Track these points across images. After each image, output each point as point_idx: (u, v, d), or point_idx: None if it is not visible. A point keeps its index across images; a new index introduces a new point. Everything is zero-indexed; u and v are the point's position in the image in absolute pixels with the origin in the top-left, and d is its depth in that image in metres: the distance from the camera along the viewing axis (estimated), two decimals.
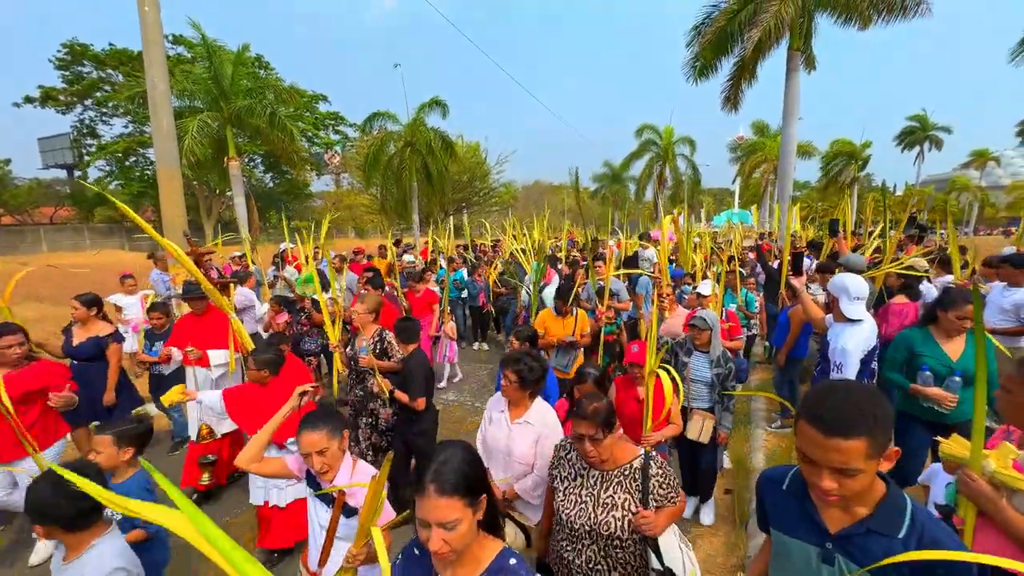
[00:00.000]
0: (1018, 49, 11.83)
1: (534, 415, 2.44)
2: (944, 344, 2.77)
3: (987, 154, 45.43)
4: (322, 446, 1.90)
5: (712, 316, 3.29)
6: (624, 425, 2.64)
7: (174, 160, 6.72)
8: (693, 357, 3.36)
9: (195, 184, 25.76)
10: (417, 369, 3.42)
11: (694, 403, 3.32)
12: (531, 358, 2.43)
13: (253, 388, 3.08)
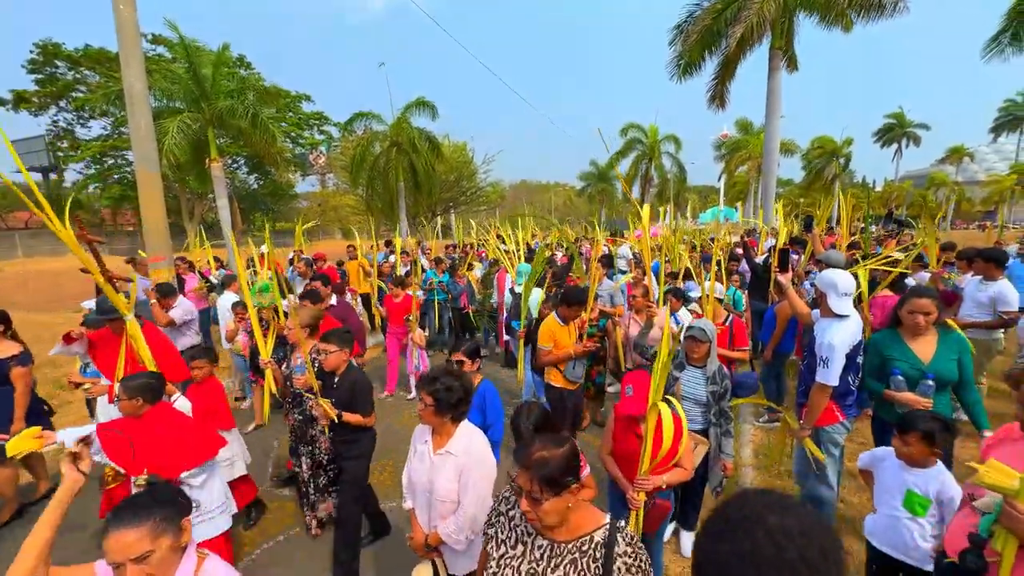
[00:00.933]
0: (991, 45, 12.10)
1: (457, 443, 2.10)
2: (913, 345, 2.68)
3: (962, 150, 46.54)
4: (141, 550, 1.28)
5: (711, 327, 2.92)
6: (620, 462, 2.43)
7: (153, 162, 6.56)
8: (685, 372, 2.98)
9: (177, 186, 25.31)
10: (361, 382, 3.03)
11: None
12: (450, 376, 2.11)
13: (128, 421, 2.55)
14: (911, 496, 2.10)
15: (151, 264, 6.60)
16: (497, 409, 2.85)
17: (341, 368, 3.05)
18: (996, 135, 45.37)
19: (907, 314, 2.67)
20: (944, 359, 2.62)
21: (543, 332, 3.82)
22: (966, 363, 2.64)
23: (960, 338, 2.70)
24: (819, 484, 2.90)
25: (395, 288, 6.37)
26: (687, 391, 2.95)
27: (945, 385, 2.64)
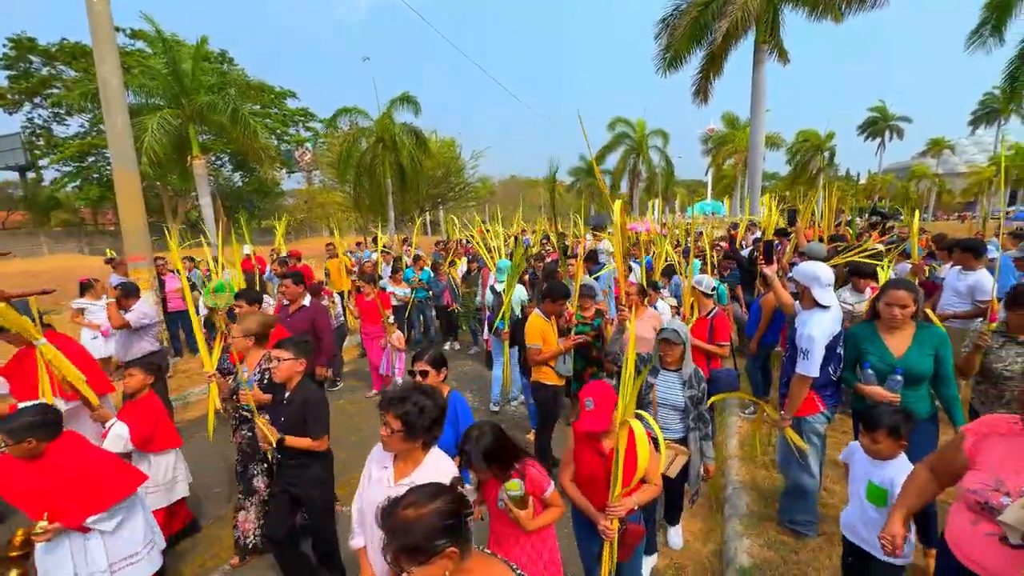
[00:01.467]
0: (973, 37, 12.28)
1: (425, 473, 1.80)
2: (888, 339, 2.65)
3: (943, 142, 47.38)
4: None
5: (684, 328, 2.84)
6: (585, 487, 2.20)
7: (131, 160, 6.41)
8: (660, 377, 2.85)
9: (159, 185, 24.82)
10: (315, 398, 2.66)
11: (662, 434, 2.71)
12: (421, 394, 1.84)
13: (20, 462, 2.22)
14: (871, 487, 2.13)
15: (131, 264, 6.47)
16: (468, 420, 2.55)
17: (294, 381, 2.67)
18: (975, 127, 46.22)
19: (884, 306, 2.62)
20: (917, 354, 2.58)
21: (531, 331, 3.80)
22: (944, 357, 2.58)
23: (938, 332, 2.65)
24: (802, 473, 2.94)
25: (366, 285, 6.05)
26: (663, 397, 2.81)
27: (918, 380, 2.60)
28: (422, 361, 2.59)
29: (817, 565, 2.78)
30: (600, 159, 33.11)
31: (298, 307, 4.54)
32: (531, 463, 2.04)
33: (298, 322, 4.37)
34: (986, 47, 12.24)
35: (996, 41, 12.06)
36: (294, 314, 4.47)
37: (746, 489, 3.59)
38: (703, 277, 4.10)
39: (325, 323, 4.60)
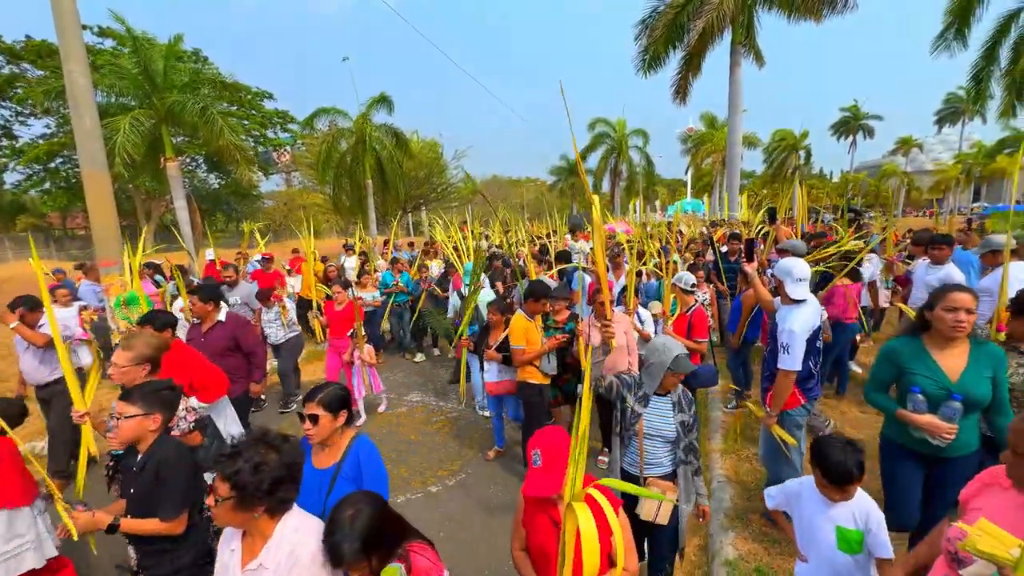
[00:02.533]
0: (938, 41, 12.70)
1: (277, 551, 1.45)
2: (941, 358, 2.21)
3: (911, 141, 49.06)
4: None
5: (680, 347, 2.43)
6: (536, 558, 1.83)
7: (101, 161, 6.20)
8: (650, 405, 2.45)
9: (131, 187, 24.09)
10: (171, 462, 1.98)
11: (649, 470, 2.41)
12: (260, 448, 1.47)
13: None
14: (843, 533, 1.84)
15: (102, 269, 6.27)
16: (377, 475, 2.02)
17: (147, 441, 2.01)
18: (940, 126, 47.95)
19: (943, 313, 2.16)
20: (976, 376, 2.16)
21: (515, 331, 3.83)
22: (1001, 380, 2.19)
23: (996, 351, 2.23)
24: (784, 466, 3.00)
25: (338, 291, 5.61)
26: (653, 427, 2.42)
27: (974, 408, 2.19)
28: (313, 402, 1.96)
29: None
30: (581, 159, 33.29)
31: (212, 325, 3.96)
32: (420, 547, 1.61)
33: (215, 341, 3.91)
34: (950, 51, 12.68)
35: (959, 45, 12.50)
36: (208, 333, 3.95)
37: (730, 483, 3.65)
38: (683, 274, 4.15)
39: (251, 336, 4.09)
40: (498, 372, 4.27)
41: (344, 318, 5.44)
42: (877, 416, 4.59)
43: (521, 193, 41.55)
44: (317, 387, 2.05)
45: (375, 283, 7.56)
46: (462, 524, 3.54)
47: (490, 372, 4.30)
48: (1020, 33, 11.48)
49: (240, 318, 4.19)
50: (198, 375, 3.19)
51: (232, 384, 3.68)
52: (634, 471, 2.44)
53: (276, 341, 5.79)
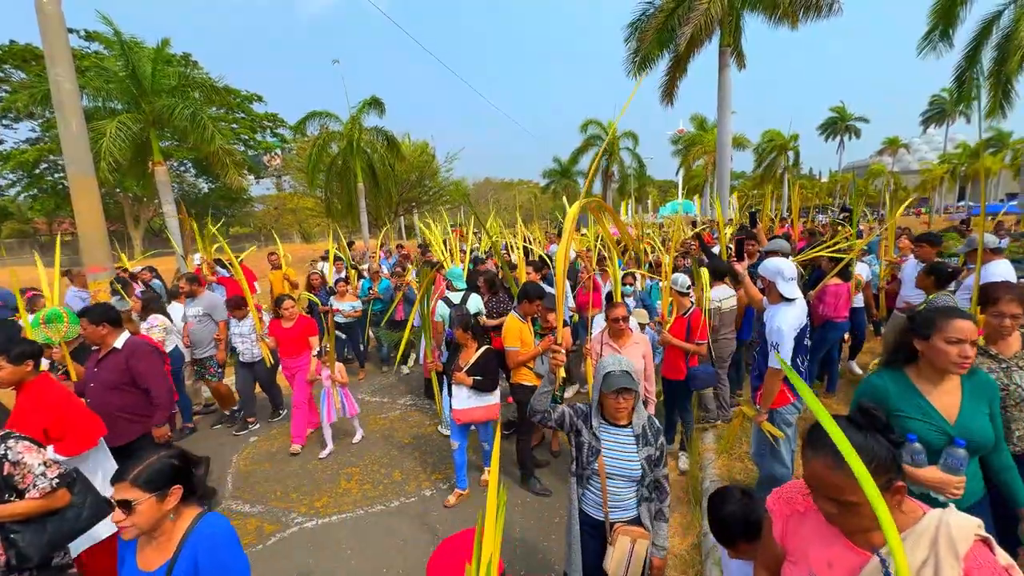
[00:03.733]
0: (924, 42, 12.90)
1: None
2: (933, 397, 1.85)
3: (897, 142, 49.84)
4: None
5: (634, 366, 2.08)
6: None
7: (88, 166, 6.13)
8: (606, 435, 2.09)
9: (119, 191, 23.85)
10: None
11: (615, 513, 2.08)
12: None
13: None
14: None
15: (90, 275, 6.19)
16: (229, 568, 1.52)
17: None
18: (925, 127, 48.70)
19: (945, 346, 1.76)
20: (974, 413, 1.83)
21: (509, 333, 3.83)
22: (996, 412, 1.88)
23: (988, 381, 1.90)
24: (775, 463, 3.03)
25: (287, 307, 4.89)
26: (613, 466, 2.05)
27: (977, 452, 1.85)
28: (124, 481, 1.44)
29: None
30: (573, 161, 33.49)
31: (107, 352, 3.35)
32: None
33: (106, 373, 3.28)
34: (936, 51, 12.88)
35: (945, 46, 12.70)
36: (101, 363, 3.33)
37: (723, 482, 3.67)
38: (678, 276, 4.15)
39: (148, 366, 3.33)
40: (467, 397, 3.70)
41: (296, 336, 4.84)
42: None
43: (513, 195, 41.56)
44: (129, 463, 1.49)
45: (355, 291, 7.17)
46: (459, 527, 3.52)
47: (458, 397, 3.72)
48: (1002, 35, 11.69)
49: (138, 345, 3.39)
50: (56, 421, 2.63)
51: (131, 425, 3.27)
52: (597, 515, 2.10)
53: (249, 359, 5.24)
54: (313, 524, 3.66)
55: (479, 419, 3.74)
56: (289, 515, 3.79)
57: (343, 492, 4.07)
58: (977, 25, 12.23)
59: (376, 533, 3.51)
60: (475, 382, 3.65)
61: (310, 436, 5.00)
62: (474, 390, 3.67)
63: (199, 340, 5.35)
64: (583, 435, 2.13)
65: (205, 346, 5.37)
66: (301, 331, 4.94)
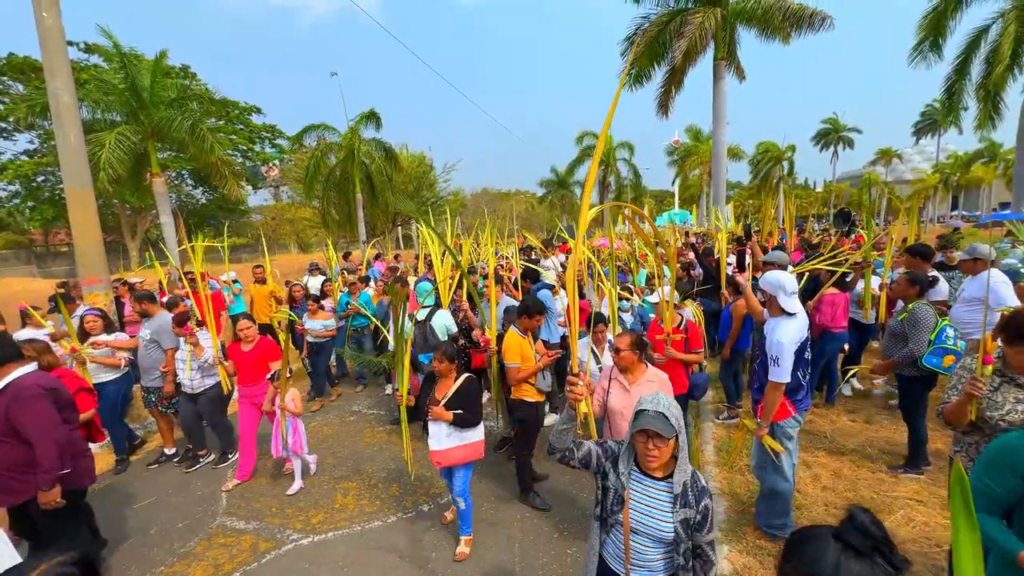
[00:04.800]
0: (914, 52, 13.10)
1: None
2: None
3: (890, 152, 50.42)
4: None
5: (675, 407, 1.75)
6: None
7: (86, 178, 6.13)
8: (636, 485, 1.80)
9: (116, 202, 23.82)
10: None
11: (636, 572, 1.80)
12: None
13: None
14: None
15: (86, 287, 6.17)
16: None
17: None
18: (918, 138, 49.34)
19: None
20: None
21: (510, 349, 3.75)
22: None
23: None
24: (776, 476, 3.00)
25: (245, 328, 4.43)
26: (639, 522, 1.76)
27: None
28: None
29: None
30: (570, 172, 33.74)
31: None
32: None
33: None
34: (927, 62, 13.08)
35: (935, 56, 12.91)
36: None
37: (724, 495, 3.64)
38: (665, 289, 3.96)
39: (31, 416, 2.66)
40: (446, 436, 3.17)
41: (255, 361, 4.36)
42: (868, 425, 4.64)
43: (511, 206, 41.73)
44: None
45: (334, 308, 6.80)
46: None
47: (435, 436, 3.17)
48: (991, 48, 11.88)
49: (22, 389, 2.69)
50: None
51: (24, 484, 2.71)
52: (618, 568, 1.85)
53: (192, 389, 4.60)
54: (309, 541, 3.60)
55: (460, 461, 3.20)
56: (285, 532, 3.73)
57: (340, 508, 4.01)
58: (966, 38, 12.45)
59: (374, 550, 3.45)
60: (456, 417, 3.12)
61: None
62: (454, 427, 3.16)
63: (147, 367, 4.75)
64: (610, 478, 1.86)
65: (152, 375, 4.76)
66: (261, 355, 4.42)
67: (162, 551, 3.57)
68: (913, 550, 2.90)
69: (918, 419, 3.78)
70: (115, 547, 3.63)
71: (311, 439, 5.47)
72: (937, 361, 3.56)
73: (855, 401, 5.29)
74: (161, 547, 3.62)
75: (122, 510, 4.14)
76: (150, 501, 4.28)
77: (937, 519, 3.20)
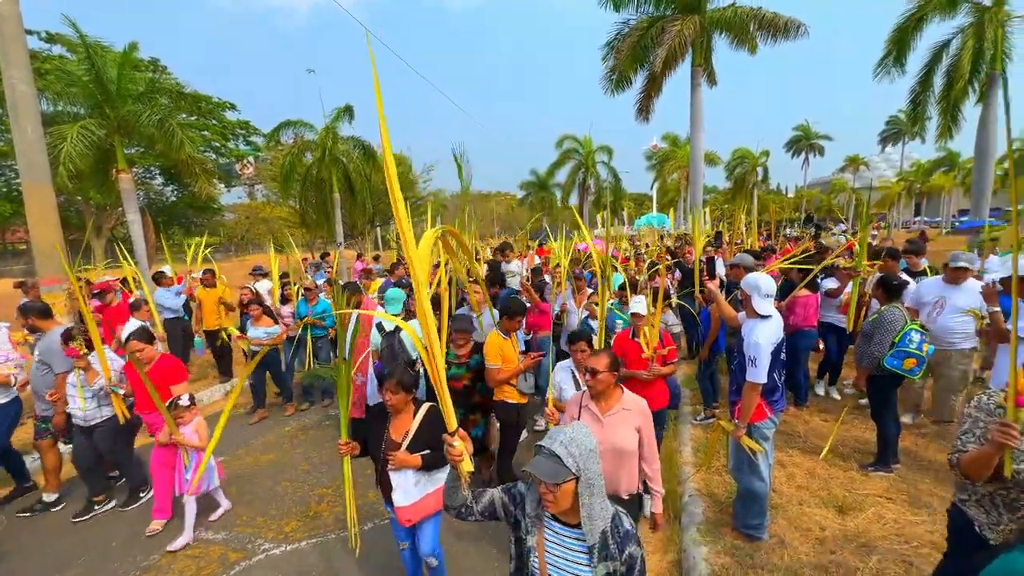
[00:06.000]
0: (879, 67, 13.58)
1: None
2: None
3: (858, 159, 52.29)
4: None
5: (584, 436, 1.53)
6: None
7: (44, 173, 5.84)
8: (549, 531, 1.59)
9: (80, 199, 22.85)
10: None
11: None
12: None
13: None
14: None
15: (44, 287, 5.87)
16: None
17: None
18: (883, 146, 51.33)
19: None
20: None
21: (491, 350, 3.72)
22: None
23: None
24: (753, 477, 3.04)
25: (134, 347, 3.68)
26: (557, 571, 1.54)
27: None
28: None
29: (770, 567, 2.86)
30: (550, 174, 33.90)
31: None
32: None
33: None
34: (890, 76, 13.59)
35: (898, 71, 13.43)
36: None
37: (702, 496, 3.67)
38: (641, 299, 3.79)
39: None
40: (414, 485, 2.52)
41: (155, 384, 3.59)
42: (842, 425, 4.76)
43: (491, 207, 41.68)
44: None
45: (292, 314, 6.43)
46: None
47: (402, 489, 2.52)
48: (951, 62, 12.40)
49: None
50: None
51: None
52: None
53: (86, 421, 3.88)
54: (281, 550, 3.49)
55: (435, 509, 2.59)
56: (256, 541, 3.60)
57: (314, 515, 3.90)
58: (929, 51, 12.97)
59: (349, 558, 3.36)
60: (425, 460, 2.49)
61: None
62: (422, 472, 2.53)
63: (39, 392, 4.06)
64: (522, 527, 1.62)
65: (44, 402, 4.05)
66: (161, 377, 3.75)
67: (125, 564, 3.40)
68: (884, 547, 2.97)
69: (886, 418, 3.88)
70: (72, 563, 3.44)
71: (287, 443, 5.34)
72: (898, 363, 3.66)
73: (827, 401, 5.43)
74: (124, 560, 3.45)
75: None
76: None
77: (907, 515, 3.29)
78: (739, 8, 13.32)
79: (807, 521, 3.27)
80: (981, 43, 11.51)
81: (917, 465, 3.96)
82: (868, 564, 2.82)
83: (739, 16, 13.23)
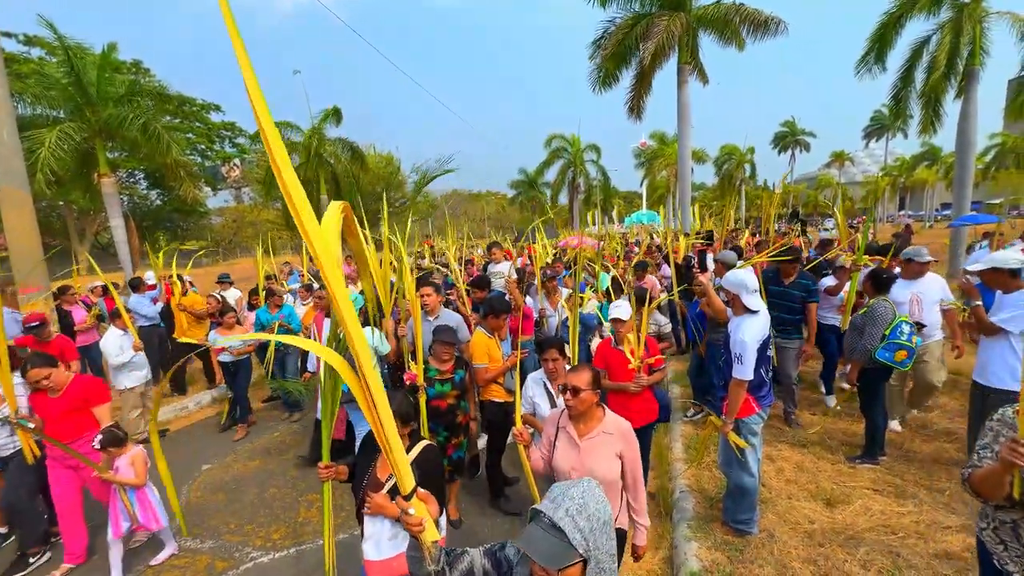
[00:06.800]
0: (860, 65, 13.76)
1: None
2: None
3: (843, 155, 53.00)
4: None
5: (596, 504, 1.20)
6: None
7: (21, 178, 5.71)
8: None
9: (62, 204, 22.46)
10: None
11: None
12: None
13: None
14: None
15: (23, 296, 5.74)
16: None
17: None
18: (867, 141, 52.06)
19: None
20: None
21: (477, 350, 3.72)
22: None
23: None
24: (742, 472, 3.05)
25: (37, 376, 3.16)
26: None
27: None
28: None
29: (760, 561, 2.87)
30: (539, 173, 33.92)
31: None
32: None
33: None
34: (872, 73, 13.78)
35: (879, 68, 13.61)
36: None
37: (692, 492, 3.68)
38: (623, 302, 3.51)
39: None
40: (391, 538, 2.10)
41: (66, 410, 3.17)
42: (827, 417, 4.80)
43: (481, 207, 41.62)
44: None
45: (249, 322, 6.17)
46: None
47: (373, 540, 2.12)
48: (931, 58, 12.59)
49: None
50: None
51: None
52: None
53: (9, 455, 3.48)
54: (269, 558, 3.44)
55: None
56: (243, 549, 3.55)
57: (303, 522, 3.85)
58: (909, 48, 13.15)
59: (339, 564, 3.32)
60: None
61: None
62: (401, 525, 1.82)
63: None
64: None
65: None
66: (81, 399, 3.30)
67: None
68: (871, 538, 2.99)
69: (875, 410, 3.92)
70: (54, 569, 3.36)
71: (276, 447, 5.27)
72: (889, 355, 3.70)
73: (815, 394, 5.47)
74: (105, 571, 3.37)
75: None
76: None
77: (893, 507, 3.32)
78: (722, 4, 13.44)
79: (796, 515, 3.29)
80: (959, 39, 11.70)
81: (903, 456, 4.01)
82: (856, 556, 2.84)
83: (721, 11, 13.35)
